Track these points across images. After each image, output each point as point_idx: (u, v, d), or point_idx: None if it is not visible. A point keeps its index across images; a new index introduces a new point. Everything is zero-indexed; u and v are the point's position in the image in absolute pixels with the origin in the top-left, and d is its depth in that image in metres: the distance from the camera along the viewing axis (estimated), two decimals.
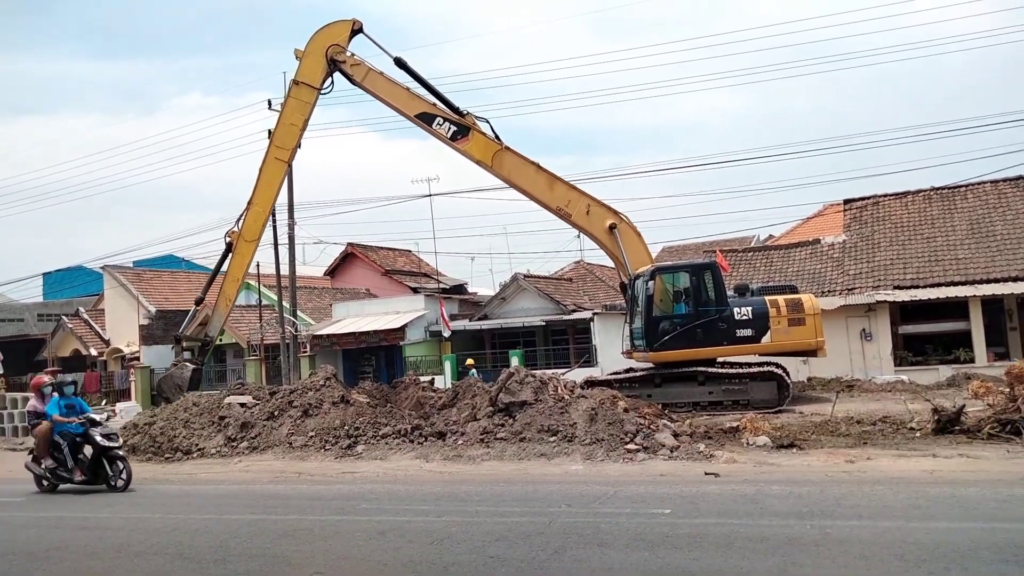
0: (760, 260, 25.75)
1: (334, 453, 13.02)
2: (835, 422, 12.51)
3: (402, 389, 16.62)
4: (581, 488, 9.15)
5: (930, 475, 8.67)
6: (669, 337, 16.45)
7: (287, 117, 17.09)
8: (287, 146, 16.96)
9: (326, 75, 17.04)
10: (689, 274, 17.02)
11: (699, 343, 16.33)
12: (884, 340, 21.18)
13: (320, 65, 16.89)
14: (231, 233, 17.30)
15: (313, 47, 17.02)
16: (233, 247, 17.19)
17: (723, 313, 16.38)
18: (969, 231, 22.46)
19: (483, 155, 16.95)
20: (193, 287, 39.39)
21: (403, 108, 17.11)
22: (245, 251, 17.21)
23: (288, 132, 17.01)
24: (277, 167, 17.06)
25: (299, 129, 16.99)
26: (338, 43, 16.89)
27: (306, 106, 17.04)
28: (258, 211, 17.06)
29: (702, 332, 16.34)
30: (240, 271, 17.35)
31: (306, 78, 16.98)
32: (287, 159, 17.05)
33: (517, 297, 29.68)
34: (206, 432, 14.73)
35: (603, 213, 17.43)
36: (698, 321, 16.41)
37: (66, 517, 9.48)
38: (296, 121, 16.97)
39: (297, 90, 17.02)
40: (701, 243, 34.36)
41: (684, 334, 16.38)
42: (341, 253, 39.02)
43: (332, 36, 17.03)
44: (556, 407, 12.56)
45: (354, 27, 17.08)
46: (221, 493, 10.76)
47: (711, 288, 16.67)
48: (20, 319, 44.50)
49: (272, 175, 17.05)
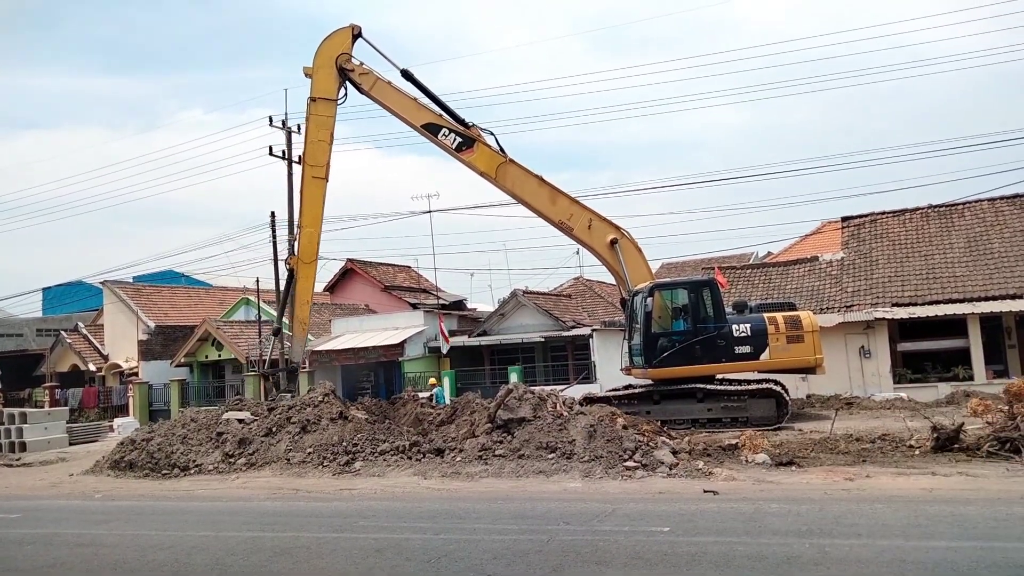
0: (759, 277, 25.80)
1: (332, 470, 12.97)
2: (834, 439, 12.48)
3: (400, 405, 16.59)
4: (579, 505, 9.12)
5: (929, 493, 8.65)
6: (668, 354, 16.43)
7: (312, 135, 17.18)
8: (320, 163, 17.02)
9: (339, 84, 17.16)
10: (688, 291, 17.04)
11: (698, 360, 16.30)
12: (883, 357, 21.17)
13: (332, 76, 17.00)
14: (290, 259, 17.42)
15: (321, 60, 17.14)
16: (295, 272, 17.25)
17: (722, 330, 16.37)
18: (967, 248, 22.53)
19: (487, 167, 17.05)
20: (193, 302, 39.49)
21: (410, 118, 17.20)
22: (307, 273, 17.31)
23: (318, 149, 17.10)
24: (315, 185, 17.12)
25: (327, 144, 17.12)
26: (344, 51, 17.02)
27: (328, 120, 17.15)
28: (309, 232, 17.13)
29: (701, 349, 16.33)
30: (307, 293, 17.42)
31: (321, 92, 17.10)
32: (323, 175, 17.10)
33: (516, 313, 29.68)
34: (204, 448, 14.68)
35: (605, 228, 17.46)
36: (697, 338, 16.40)
37: (61, 534, 9.43)
38: (323, 137, 17.08)
39: (315, 106, 17.13)
40: (701, 260, 34.42)
41: (683, 351, 16.37)
42: (341, 269, 39.03)
43: (336, 45, 17.14)
44: (555, 424, 12.54)
45: (354, 32, 17.20)
46: (218, 510, 10.72)
47: (709, 305, 16.68)
48: (19, 334, 44.46)
49: (313, 195, 17.14)
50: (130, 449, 15.30)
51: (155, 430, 16.00)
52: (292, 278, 17.45)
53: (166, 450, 14.79)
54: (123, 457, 15.18)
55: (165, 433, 15.47)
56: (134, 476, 14.41)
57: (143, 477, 14.22)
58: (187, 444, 14.88)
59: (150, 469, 14.49)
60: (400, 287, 38.61)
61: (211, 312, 36.98)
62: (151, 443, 15.15)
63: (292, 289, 17.59)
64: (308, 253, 17.18)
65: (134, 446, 15.36)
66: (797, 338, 16.27)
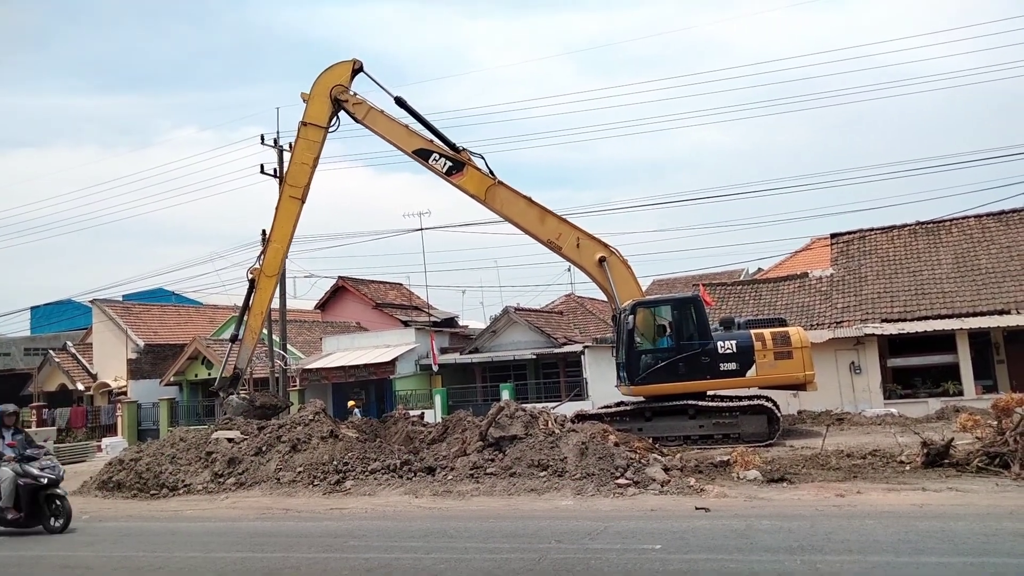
0: (749, 293, 25.91)
1: (322, 489, 12.88)
2: (825, 455, 12.49)
3: (392, 423, 16.52)
4: (571, 523, 9.08)
5: (920, 509, 8.66)
6: (650, 371, 16.53)
7: (298, 157, 17.84)
8: (299, 184, 17.70)
9: (331, 114, 17.86)
10: (671, 308, 17.09)
11: (682, 377, 16.32)
12: (873, 373, 21.25)
13: (325, 105, 17.70)
14: (253, 270, 17.99)
15: (318, 89, 17.83)
16: (256, 283, 17.84)
17: (706, 347, 16.37)
18: (954, 265, 22.73)
19: (477, 190, 17.46)
20: (182, 321, 39.30)
21: (401, 144, 17.77)
22: (266, 285, 17.88)
23: (299, 171, 17.77)
24: (291, 204, 17.75)
25: (309, 167, 17.76)
26: (341, 83, 17.69)
27: (315, 145, 17.81)
28: (276, 247, 17.79)
29: (684, 366, 16.35)
30: (263, 305, 18.02)
31: (313, 119, 17.81)
32: (300, 196, 17.75)
33: (508, 330, 29.70)
34: (193, 468, 14.55)
35: (593, 246, 17.64)
36: (680, 355, 16.44)
37: (47, 556, 9.31)
38: (306, 160, 17.72)
39: (305, 131, 17.82)
40: (691, 276, 34.53)
41: (666, 368, 16.43)
42: (332, 286, 39.00)
43: (335, 77, 17.79)
44: (546, 441, 12.51)
45: (354, 67, 17.87)
46: (207, 530, 10.61)
47: (694, 322, 16.73)
48: (7, 353, 44.13)
49: (287, 213, 17.76)
50: (118, 469, 15.15)
51: (143, 450, 15.87)
52: (252, 288, 18.00)
53: (155, 470, 14.65)
54: (111, 477, 15.03)
55: (154, 453, 15.34)
56: (122, 496, 14.26)
57: (131, 498, 14.07)
58: (176, 464, 14.75)
59: (138, 489, 14.34)
60: (391, 304, 38.59)
61: (201, 330, 36.82)
62: (139, 463, 15.01)
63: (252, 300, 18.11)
64: (271, 267, 17.85)
65: (122, 466, 15.22)
66: (785, 355, 16.18)
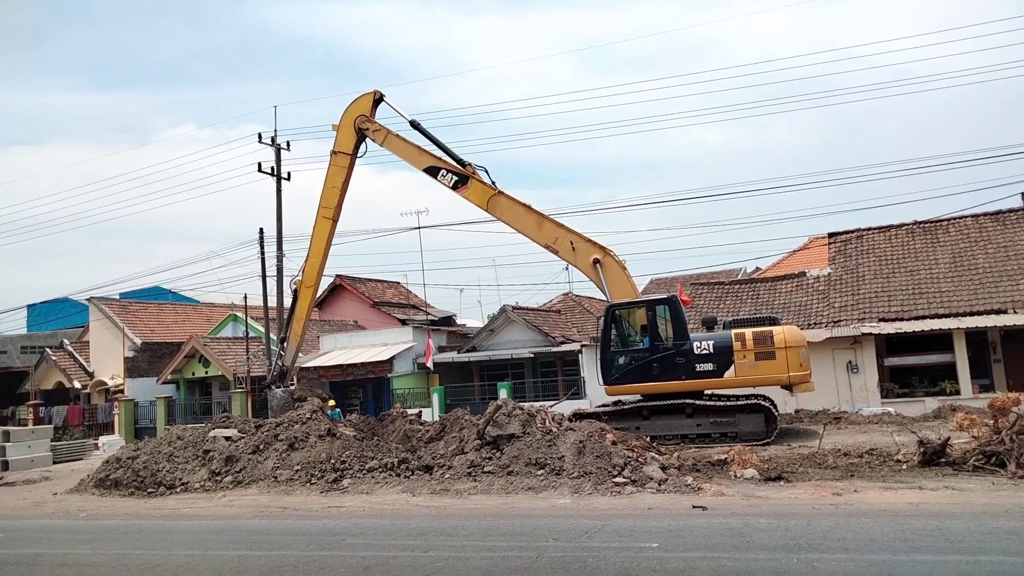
0: (747, 293, 25.93)
1: (320, 487, 12.88)
2: (822, 454, 12.52)
3: (389, 422, 16.52)
4: (569, 522, 9.09)
5: (916, 508, 8.68)
6: (623, 372, 16.68)
7: (329, 181, 19.91)
8: (330, 205, 19.79)
9: (357, 142, 19.93)
10: (646, 309, 17.11)
11: (655, 378, 16.37)
12: (870, 372, 21.29)
13: (351, 135, 19.78)
14: (296, 282, 20.60)
15: (344, 120, 19.96)
16: (298, 292, 20.26)
17: (681, 347, 16.32)
18: (952, 264, 22.75)
19: (480, 200, 18.87)
20: (180, 319, 39.24)
21: (414, 163, 19.70)
22: (306, 295, 20.13)
23: (331, 194, 19.81)
24: (324, 224, 19.88)
25: (339, 190, 19.84)
26: (363, 113, 19.74)
27: (343, 170, 19.86)
28: (313, 262, 19.97)
29: (658, 367, 16.40)
30: (303, 312, 20.24)
31: (341, 147, 19.92)
32: (332, 216, 19.85)
33: (506, 329, 29.69)
34: (190, 466, 14.55)
35: (587, 248, 18.06)
36: (654, 356, 16.48)
37: (45, 554, 9.31)
38: (336, 184, 19.82)
39: (335, 158, 19.95)
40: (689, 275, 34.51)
41: (638, 369, 16.55)
42: (329, 285, 38.93)
43: (359, 109, 19.81)
44: (544, 440, 12.51)
45: (375, 97, 19.92)
46: (205, 528, 10.61)
47: (669, 323, 16.73)
48: (3, 351, 43.98)
49: (321, 231, 19.90)
50: (115, 467, 15.14)
51: (141, 448, 15.85)
52: (295, 297, 20.42)
53: (152, 468, 14.65)
54: (108, 475, 15.02)
55: (151, 451, 15.32)
56: (119, 494, 14.26)
57: (128, 496, 14.06)
58: (173, 462, 14.74)
59: (136, 487, 14.34)
60: (389, 303, 38.56)
61: (198, 329, 36.78)
62: (137, 461, 15.00)
63: (294, 307, 20.55)
64: (309, 279, 20.22)
65: (119, 464, 15.21)
66: (767, 355, 15.90)
